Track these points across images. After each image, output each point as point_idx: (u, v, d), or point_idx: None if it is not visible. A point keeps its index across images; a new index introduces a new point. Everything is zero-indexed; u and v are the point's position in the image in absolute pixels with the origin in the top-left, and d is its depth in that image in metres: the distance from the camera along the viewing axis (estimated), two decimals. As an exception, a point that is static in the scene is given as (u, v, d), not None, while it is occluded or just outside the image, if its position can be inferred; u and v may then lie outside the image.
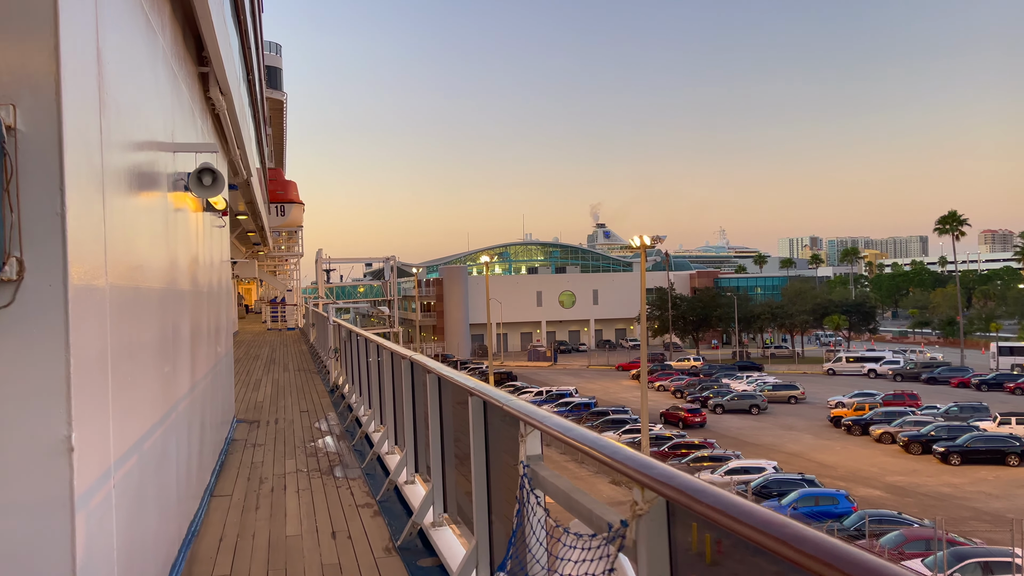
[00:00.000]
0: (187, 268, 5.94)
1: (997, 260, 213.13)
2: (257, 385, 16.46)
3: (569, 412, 57.09)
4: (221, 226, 8.78)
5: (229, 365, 10.74)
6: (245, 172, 11.81)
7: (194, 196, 5.92)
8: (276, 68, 60.76)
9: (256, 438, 10.09)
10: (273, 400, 13.87)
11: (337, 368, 15.21)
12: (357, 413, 10.70)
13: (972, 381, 68.95)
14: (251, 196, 16.62)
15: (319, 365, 20.55)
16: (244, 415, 12.23)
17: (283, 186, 38.73)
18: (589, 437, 2.69)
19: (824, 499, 33.42)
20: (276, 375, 18.44)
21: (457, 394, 4.80)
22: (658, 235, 50.50)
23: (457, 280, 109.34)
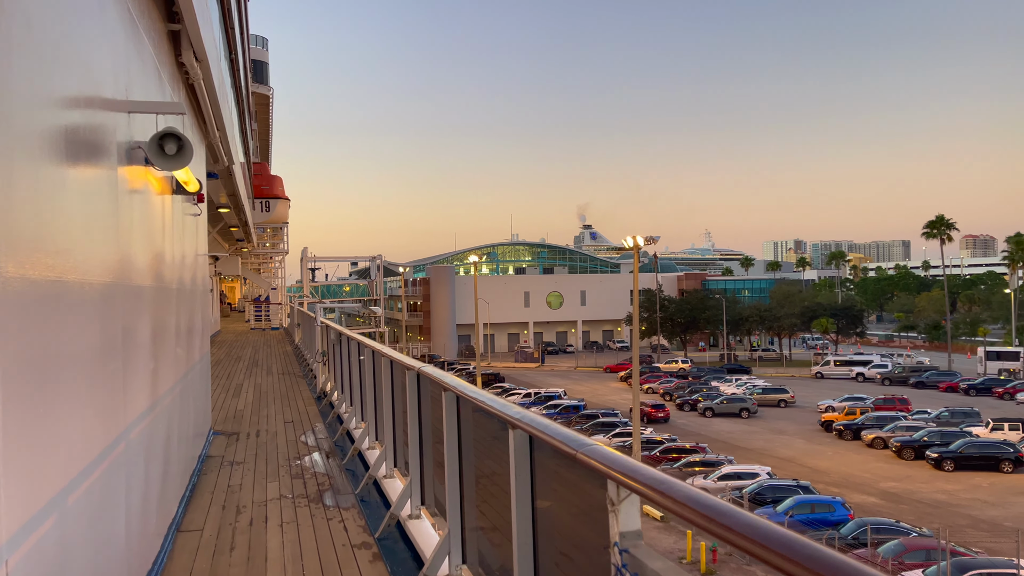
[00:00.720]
0: (148, 260, 4.97)
1: (980, 265, 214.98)
2: (238, 391, 15.47)
3: (558, 415, 56.28)
4: (196, 214, 7.80)
5: (205, 371, 9.79)
6: (226, 159, 10.82)
7: (158, 172, 4.96)
8: (262, 62, 59.54)
9: (235, 454, 9.12)
10: (255, 408, 12.89)
11: (325, 373, 14.25)
12: (348, 426, 9.73)
13: (960, 386, 68.85)
14: (234, 188, 15.60)
15: (305, 368, 19.54)
16: (222, 426, 11.25)
17: (268, 181, 37.55)
18: (731, 513, 1.83)
19: (820, 506, 32.78)
20: (259, 379, 17.43)
21: (487, 423, 3.93)
22: (652, 236, 49.60)
23: (444, 280, 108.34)
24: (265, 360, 22.42)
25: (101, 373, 3.65)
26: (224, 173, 12.63)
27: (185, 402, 7.10)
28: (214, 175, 12.06)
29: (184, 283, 6.95)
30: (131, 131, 4.44)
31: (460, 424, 4.30)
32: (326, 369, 13.95)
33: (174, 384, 6.16)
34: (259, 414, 12.19)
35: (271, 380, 17.10)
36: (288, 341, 30.05)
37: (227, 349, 27.38)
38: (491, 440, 3.80)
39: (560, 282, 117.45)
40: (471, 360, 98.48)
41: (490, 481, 3.96)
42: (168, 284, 5.83)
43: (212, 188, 14.37)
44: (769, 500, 34.46)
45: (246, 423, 11.36)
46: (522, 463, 3.15)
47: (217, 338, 33.50)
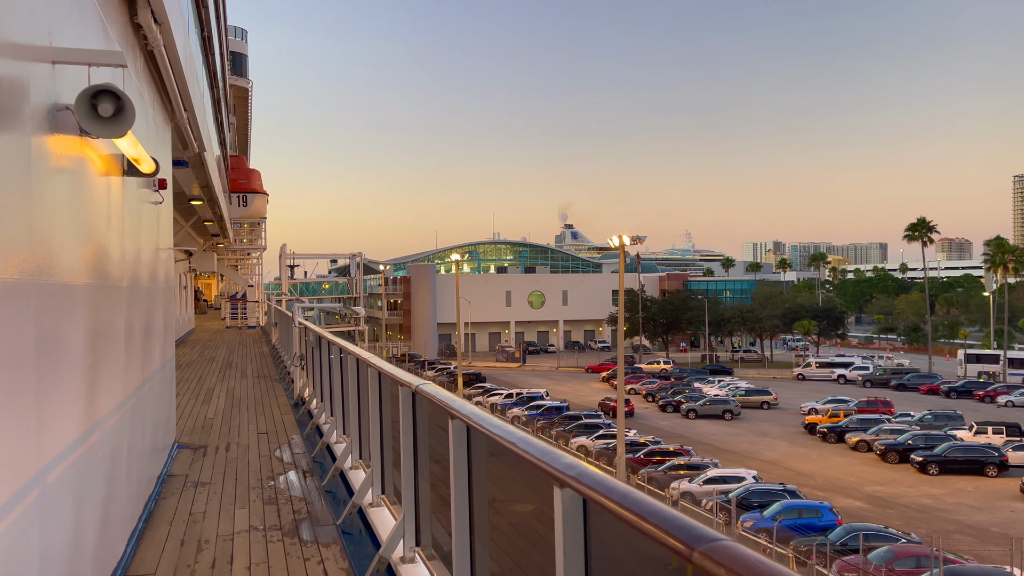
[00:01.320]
0: (82, 253, 4.10)
1: (956, 268, 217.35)
2: (209, 396, 14.41)
3: (540, 416, 55.55)
4: (158, 202, 6.88)
5: (169, 377, 8.84)
6: (196, 145, 9.87)
7: (101, 148, 4.08)
8: (241, 54, 58.20)
9: (200, 473, 8.16)
10: (226, 417, 11.90)
11: (303, 378, 13.28)
12: (328, 439, 8.83)
13: (941, 388, 69.05)
14: (207, 179, 14.57)
15: (281, 370, 18.48)
16: (189, 437, 10.26)
17: (246, 175, 36.31)
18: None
19: (807, 511, 32.31)
20: (232, 383, 16.36)
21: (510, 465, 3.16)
22: (638, 235, 48.85)
23: (425, 278, 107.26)
24: (240, 361, 21.36)
25: (13, 388, 2.83)
26: (196, 162, 11.65)
27: (140, 417, 6.20)
28: (183, 163, 11.12)
29: (140, 280, 6.04)
30: (56, 88, 3.52)
31: (472, 461, 3.44)
32: (304, 374, 12.98)
33: (124, 399, 5.25)
34: (230, 423, 11.21)
35: (245, 384, 16.05)
36: (265, 341, 28.94)
37: (200, 349, 26.27)
38: (519, 488, 3.07)
39: (542, 281, 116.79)
40: (452, 359, 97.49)
41: (518, 533, 3.24)
42: (114, 281, 4.90)
43: (183, 177, 13.39)
44: (755, 504, 33.94)
45: (215, 434, 10.41)
46: (573, 528, 2.35)
47: (191, 337, 32.30)
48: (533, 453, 2.58)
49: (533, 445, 2.66)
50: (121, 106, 3.59)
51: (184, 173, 12.79)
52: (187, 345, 27.87)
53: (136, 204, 5.87)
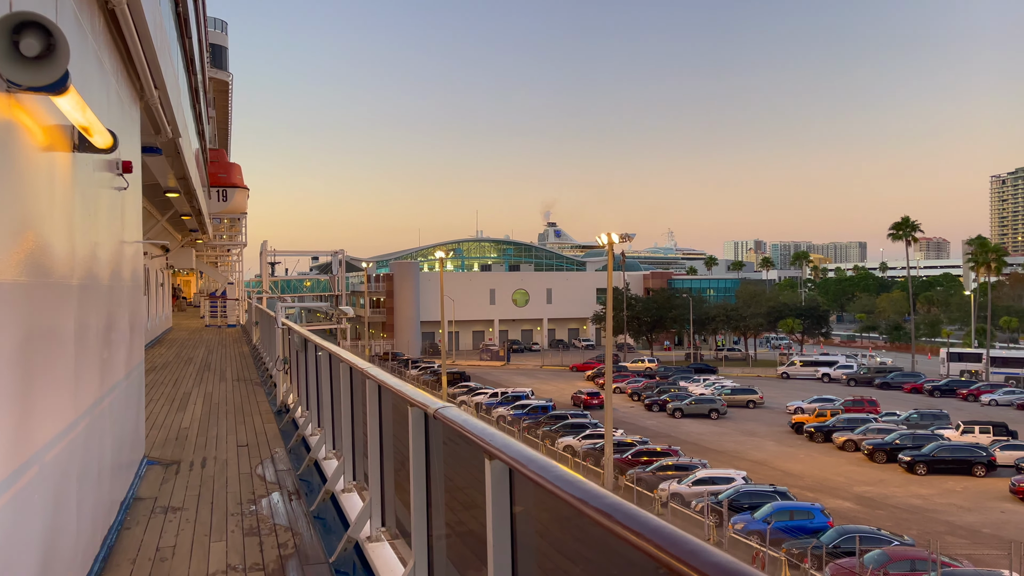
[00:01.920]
0: (17, 243, 3.32)
1: (935, 267, 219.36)
2: (184, 402, 13.46)
3: (526, 415, 54.87)
4: (122, 188, 6.03)
5: (137, 385, 7.95)
6: (170, 129, 9.00)
7: (30, 106, 3.27)
8: (221, 47, 57.00)
9: (172, 495, 7.24)
10: (203, 426, 11.00)
11: (286, 383, 12.40)
12: (316, 455, 7.97)
13: (925, 387, 69.19)
14: (183, 170, 13.62)
15: (263, 373, 17.51)
16: (160, 451, 9.33)
17: (226, 169, 35.19)
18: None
19: (799, 513, 31.88)
20: (210, 387, 15.38)
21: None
22: (627, 232, 48.20)
23: (408, 276, 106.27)
24: (219, 363, 20.36)
25: None
26: (170, 149, 10.76)
27: (98, 435, 5.40)
28: (155, 149, 10.23)
29: (97, 277, 5.22)
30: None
31: (513, 499, 2.77)
32: (288, 378, 12.10)
33: (76, 418, 4.45)
34: (207, 434, 10.34)
35: (224, 388, 15.09)
36: (245, 340, 27.93)
37: (177, 349, 25.25)
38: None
39: (526, 280, 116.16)
40: (435, 358, 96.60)
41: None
42: (60, 279, 4.09)
43: (156, 166, 12.49)
44: (746, 506, 33.47)
45: (190, 447, 9.51)
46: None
47: (168, 336, 31.19)
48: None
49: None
50: (53, 43, 2.78)
51: (158, 162, 11.88)
52: (163, 345, 26.83)
53: (93, 188, 5.04)
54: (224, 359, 21.20)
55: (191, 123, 13.24)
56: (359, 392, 5.80)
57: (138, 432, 7.99)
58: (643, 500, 36.21)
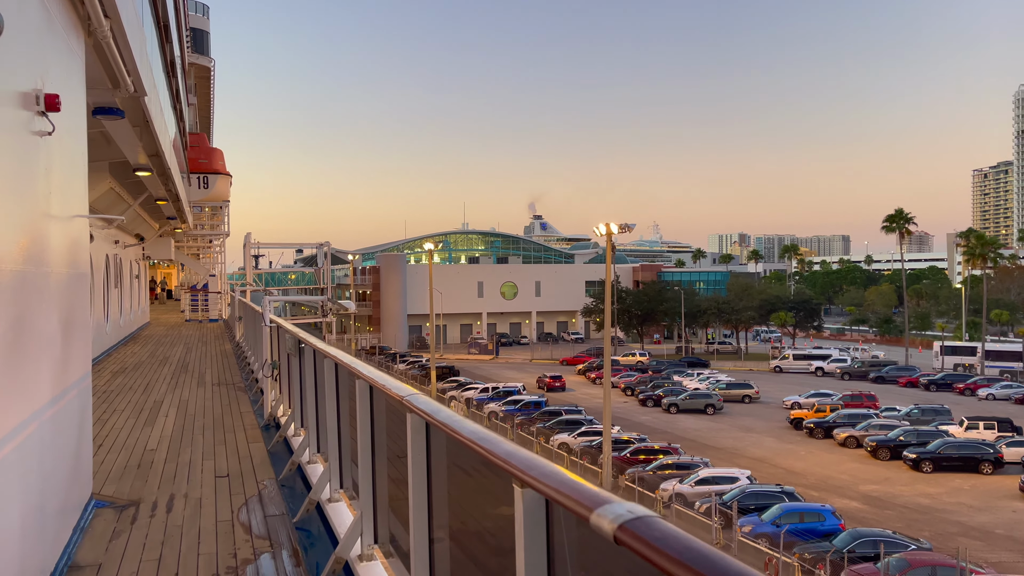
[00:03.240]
0: None
1: (920, 260, 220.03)
2: (155, 413, 11.55)
3: (519, 411, 53.40)
4: (42, 132, 4.33)
5: (80, 406, 6.18)
6: (131, 81, 7.30)
7: None
8: (203, 31, 54.87)
9: (122, 560, 5.34)
10: (174, 446, 9.13)
11: (276, 391, 10.65)
12: (319, 496, 6.19)
13: (921, 381, 68.37)
14: (155, 145, 11.83)
15: (247, 374, 15.69)
16: (116, 486, 7.37)
17: (207, 154, 33.17)
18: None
19: (809, 515, 30.62)
20: (186, 393, 13.45)
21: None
22: (626, 223, 46.25)
23: (395, 268, 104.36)
24: (197, 363, 18.47)
25: None
26: (133, 109, 8.98)
27: (14, 478, 3.90)
28: (116, 110, 8.49)
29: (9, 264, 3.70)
30: None
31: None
32: (277, 386, 10.37)
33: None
34: (178, 459, 8.48)
35: (203, 395, 13.22)
36: (228, 337, 26.03)
37: (153, 346, 23.36)
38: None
39: (514, 272, 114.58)
40: (423, 352, 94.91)
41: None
42: None
43: (120, 134, 10.66)
44: (752, 508, 32.15)
45: (155, 478, 7.65)
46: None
47: (143, 332, 29.21)
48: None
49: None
50: None
51: (122, 129, 10.10)
52: (138, 342, 24.90)
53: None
54: (204, 359, 19.29)
55: (163, 89, 11.44)
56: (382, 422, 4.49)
57: (80, 468, 6.17)
58: (645, 500, 34.85)
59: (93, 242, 16.06)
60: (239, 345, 20.77)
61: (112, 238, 21.43)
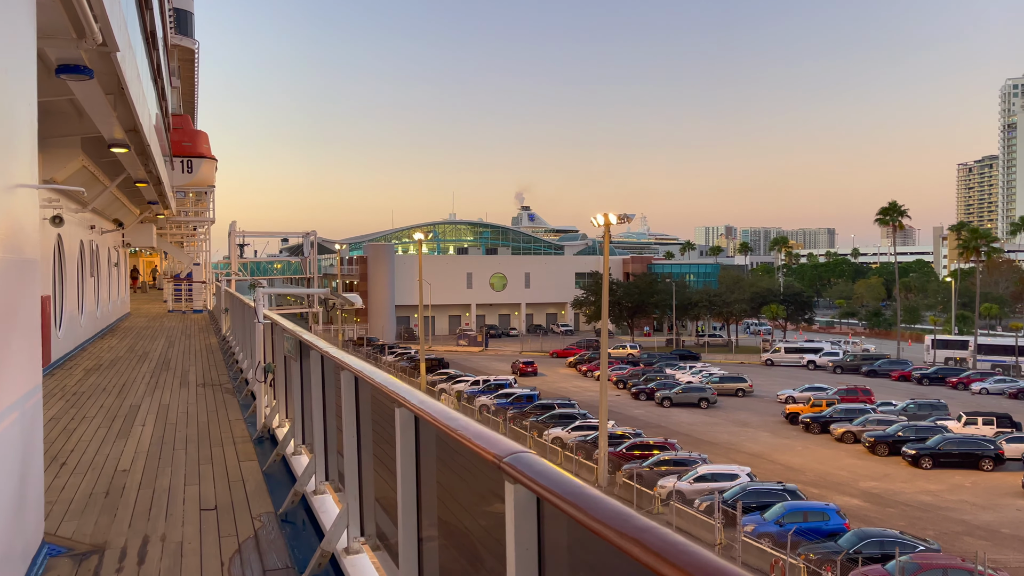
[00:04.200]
0: None
1: (906, 253, 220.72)
2: (129, 421, 10.11)
3: (510, 404, 52.39)
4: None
5: (25, 428, 4.74)
6: (99, 29, 6.11)
7: None
8: (187, 12, 53.18)
9: None
10: (151, 467, 7.71)
11: (270, 396, 9.26)
12: (336, 545, 4.98)
13: (913, 375, 67.94)
14: (132, 118, 10.52)
15: (235, 374, 14.29)
16: (76, 524, 5.95)
17: (191, 137, 31.63)
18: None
19: (813, 514, 29.79)
20: (167, 395, 12.07)
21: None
22: (625, 213, 44.71)
23: (383, 258, 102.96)
24: (180, 359, 16.98)
25: None
26: (105, 72, 7.73)
27: None
28: (84, 69, 7.25)
29: None
30: None
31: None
32: (273, 391, 8.97)
33: None
34: (155, 484, 7.08)
35: (186, 398, 11.77)
36: (213, 330, 24.60)
37: (132, 340, 21.86)
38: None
39: (504, 263, 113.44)
40: (411, 343, 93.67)
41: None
42: None
43: (92, 104, 9.40)
44: (754, 506, 31.27)
45: (126, 512, 6.24)
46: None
47: (123, 324, 27.69)
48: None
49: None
50: None
51: (93, 96, 8.80)
52: (116, 335, 23.44)
53: None
54: (187, 354, 17.87)
55: (141, 54, 10.13)
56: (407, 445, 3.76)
57: (26, 507, 4.85)
58: (642, 498, 33.96)
59: (63, 226, 14.69)
60: (225, 339, 19.45)
61: (87, 223, 19.96)
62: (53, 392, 12.09)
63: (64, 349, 16.53)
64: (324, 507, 5.60)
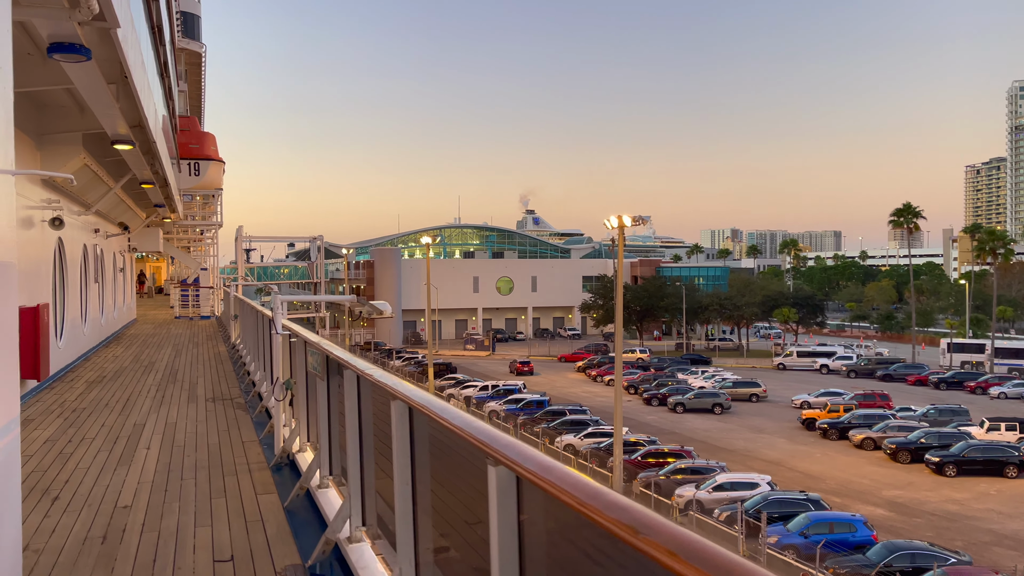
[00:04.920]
0: None
1: (916, 256, 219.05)
2: (133, 443, 9.15)
3: (520, 410, 51.52)
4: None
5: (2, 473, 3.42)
6: (94, 3, 5.31)
7: None
8: (194, 15, 52.64)
9: None
10: (155, 503, 6.68)
11: (289, 417, 8.32)
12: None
13: (930, 379, 66.78)
14: (137, 111, 9.69)
15: (246, 387, 13.41)
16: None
17: (198, 138, 30.83)
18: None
19: (839, 525, 28.84)
20: (174, 412, 11.11)
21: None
22: (641, 215, 43.61)
23: (389, 263, 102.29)
24: (188, 370, 16.06)
25: None
26: (105, 54, 6.93)
27: None
28: (80, 48, 6.41)
29: None
30: None
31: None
32: (292, 410, 8.09)
33: None
34: (160, 526, 6.05)
35: (194, 415, 10.81)
36: (222, 337, 23.72)
37: (138, 348, 21.06)
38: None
39: (510, 267, 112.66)
40: (418, 348, 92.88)
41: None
42: None
43: (92, 93, 8.54)
44: (776, 516, 30.30)
45: (125, 565, 5.27)
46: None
47: (128, 331, 26.81)
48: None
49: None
50: None
51: (90, 77, 7.95)
52: (122, 343, 22.68)
53: None
54: (195, 363, 17.04)
55: (145, 38, 9.28)
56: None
57: None
58: (660, 508, 33.04)
59: (63, 228, 13.88)
60: (235, 347, 18.59)
61: (91, 226, 19.12)
62: (51, 409, 11.26)
63: (66, 360, 15.70)
64: (363, 560, 4.74)
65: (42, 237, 13.13)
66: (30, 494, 6.95)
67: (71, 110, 10.05)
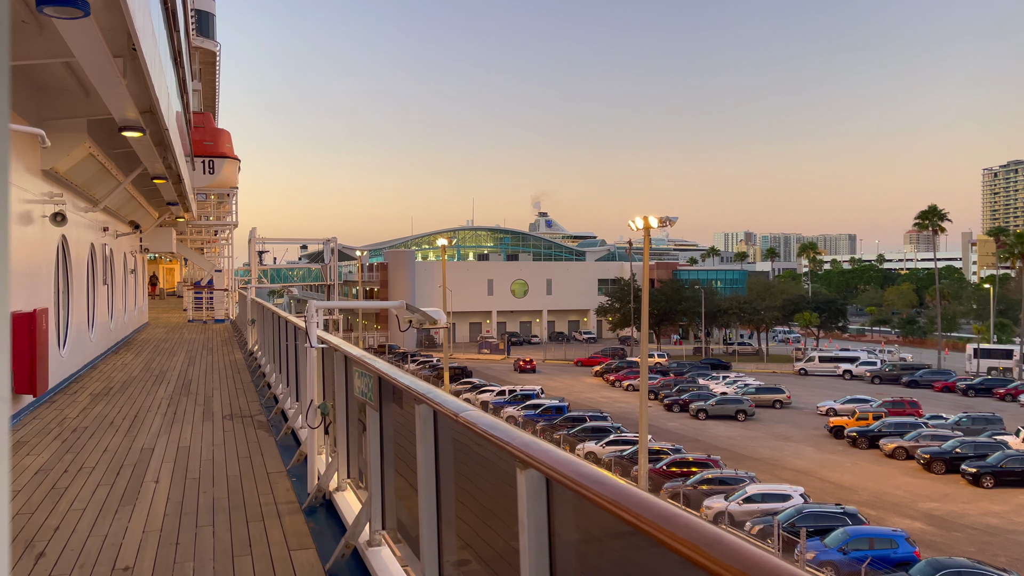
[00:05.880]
0: None
1: (932, 260, 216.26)
2: (140, 474, 7.95)
3: (539, 416, 50.33)
4: None
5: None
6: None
7: None
8: (208, 13, 51.90)
9: None
10: (164, 560, 5.47)
11: (328, 449, 7.12)
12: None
13: (958, 386, 65.04)
14: (148, 93, 8.65)
15: (267, 401, 12.19)
16: None
17: (213, 135, 29.80)
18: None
19: (880, 541, 27.51)
20: (188, 433, 9.88)
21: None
22: (668, 216, 42.18)
23: (403, 265, 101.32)
24: (203, 380, 14.83)
25: None
26: (108, 22, 5.86)
27: None
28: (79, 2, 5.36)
29: None
30: None
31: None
32: (331, 441, 6.75)
33: None
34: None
35: (210, 437, 9.56)
36: (237, 343, 22.55)
37: (149, 355, 19.93)
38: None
39: (525, 269, 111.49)
40: (432, 351, 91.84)
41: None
42: None
43: (95, 68, 7.46)
44: (811, 531, 28.95)
45: None
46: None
47: (139, 336, 25.73)
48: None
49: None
50: None
51: (92, 49, 6.86)
52: (132, 348, 21.76)
53: None
54: (211, 373, 15.83)
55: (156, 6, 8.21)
56: None
57: None
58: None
59: (66, 225, 12.80)
60: (252, 355, 17.45)
61: (99, 224, 17.99)
62: (48, 428, 10.09)
63: (69, 369, 14.57)
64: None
65: (42, 234, 12.06)
66: (12, 544, 5.78)
67: (74, 92, 9.04)
